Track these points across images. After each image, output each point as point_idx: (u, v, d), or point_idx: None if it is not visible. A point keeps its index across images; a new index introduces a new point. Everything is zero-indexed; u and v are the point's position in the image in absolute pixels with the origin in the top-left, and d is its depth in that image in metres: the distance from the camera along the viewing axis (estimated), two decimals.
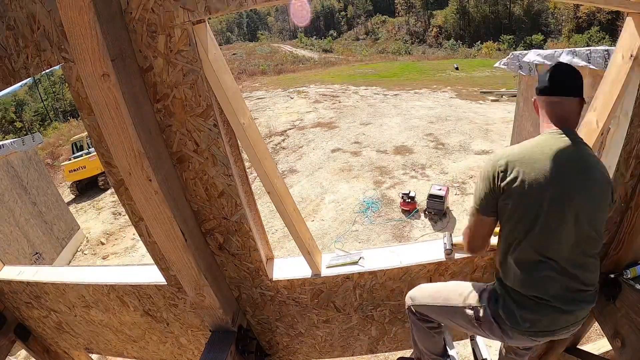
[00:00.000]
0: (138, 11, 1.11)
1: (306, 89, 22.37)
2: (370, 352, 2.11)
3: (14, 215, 7.37)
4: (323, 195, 9.45)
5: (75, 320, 2.23)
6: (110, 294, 1.96)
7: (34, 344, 2.50)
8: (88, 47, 1.01)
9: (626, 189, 1.57)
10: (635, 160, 1.49)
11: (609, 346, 1.87)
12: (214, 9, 1.10)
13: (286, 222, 1.61)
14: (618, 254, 1.71)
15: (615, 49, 1.40)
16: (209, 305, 1.60)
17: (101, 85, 1.06)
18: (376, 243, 7.35)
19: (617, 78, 1.36)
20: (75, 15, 0.97)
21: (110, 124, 1.12)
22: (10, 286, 2.18)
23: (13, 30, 1.19)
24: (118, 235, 9.65)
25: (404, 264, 1.71)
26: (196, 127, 1.31)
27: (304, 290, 1.80)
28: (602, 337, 2.27)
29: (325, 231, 7.97)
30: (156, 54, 1.18)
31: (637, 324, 1.57)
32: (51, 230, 8.41)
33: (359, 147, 12.09)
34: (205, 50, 1.18)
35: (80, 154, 12.88)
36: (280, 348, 2.12)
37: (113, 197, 11.58)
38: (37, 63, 1.22)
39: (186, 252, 1.39)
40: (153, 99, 1.25)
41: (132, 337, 2.23)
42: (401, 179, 9.67)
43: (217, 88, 1.24)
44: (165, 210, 1.28)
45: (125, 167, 1.19)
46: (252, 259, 1.66)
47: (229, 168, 1.39)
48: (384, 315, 1.90)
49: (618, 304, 1.68)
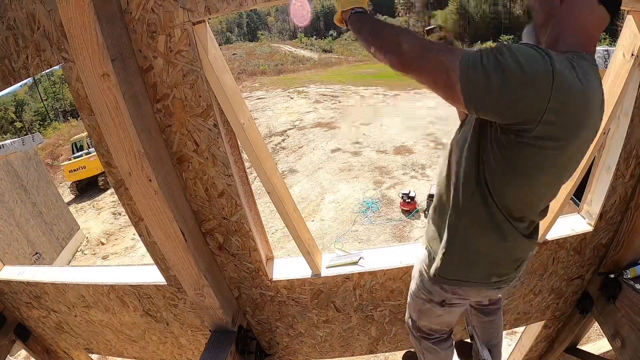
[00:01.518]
0: (138, 11, 1.11)
1: (306, 89, 22.36)
2: (370, 352, 2.11)
3: (14, 215, 7.37)
4: (323, 195, 9.45)
5: (75, 320, 2.23)
6: (110, 294, 1.96)
7: (34, 344, 2.50)
8: (88, 47, 1.01)
9: (626, 189, 1.57)
10: (635, 160, 1.49)
11: (609, 346, 1.87)
12: (214, 9, 1.10)
13: (286, 222, 1.61)
14: (618, 254, 1.71)
15: (615, 48, 1.40)
16: (209, 305, 1.59)
17: (101, 85, 1.06)
18: (376, 243, 7.35)
19: (618, 77, 1.36)
20: (75, 15, 0.97)
21: (110, 124, 1.12)
22: (10, 286, 2.18)
23: (13, 30, 1.19)
24: (118, 235, 9.65)
25: (404, 264, 1.71)
26: (196, 127, 1.30)
27: (304, 290, 1.80)
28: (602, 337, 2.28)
29: (325, 231, 7.97)
30: (156, 54, 1.18)
31: (637, 324, 1.57)
32: (51, 230, 8.41)
33: (359, 147, 12.09)
34: (205, 50, 1.18)
35: (80, 154, 12.89)
36: (280, 348, 2.12)
37: (113, 197, 11.58)
38: (37, 63, 1.22)
39: (186, 252, 1.39)
40: (153, 99, 1.25)
41: (132, 337, 2.23)
42: (401, 179, 9.67)
43: (217, 88, 1.24)
44: (165, 210, 1.28)
45: (125, 167, 1.19)
46: (252, 259, 1.66)
47: (229, 168, 1.39)
48: (384, 316, 1.90)
49: (618, 304, 1.68)
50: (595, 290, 1.84)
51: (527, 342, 2.39)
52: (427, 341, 1.46)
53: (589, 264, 1.83)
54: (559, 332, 2.19)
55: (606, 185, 1.58)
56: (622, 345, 1.65)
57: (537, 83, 0.72)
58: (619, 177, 1.54)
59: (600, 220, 1.67)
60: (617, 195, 1.59)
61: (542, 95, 0.72)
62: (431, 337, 1.46)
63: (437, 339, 1.46)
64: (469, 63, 0.75)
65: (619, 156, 1.48)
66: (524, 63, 0.72)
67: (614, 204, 1.62)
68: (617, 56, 1.38)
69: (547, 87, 0.72)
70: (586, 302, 1.90)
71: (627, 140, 1.44)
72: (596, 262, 1.83)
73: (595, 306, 1.85)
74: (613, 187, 1.57)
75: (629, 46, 1.32)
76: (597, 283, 1.82)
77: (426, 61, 0.81)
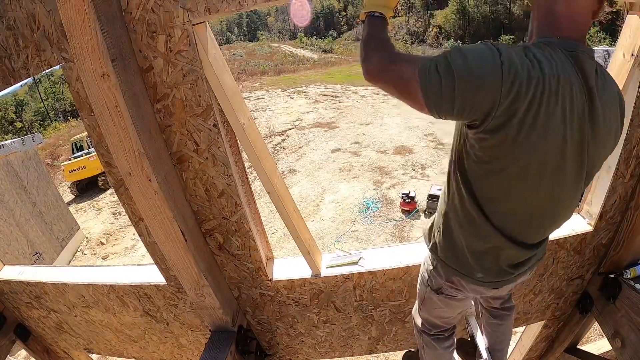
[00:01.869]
0: (138, 11, 1.11)
1: (306, 89, 22.35)
2: (370, 352, 2.11)
3: (14, 215, 7.37)
4: (323, 195, 9.45)
5: (75, 320, 2.23)
6: (110, 294, 1.96)
7: (34, 344, 2.50)
8: (88, 47, 1.01)
9: (626, 189, 1.57)
10: (635, 160, 1.49)
11: (609, 346, 1.87)
12: (214, 9, 1.10)
13: (286, 222, 1.61)
14: (618, 254, 1.71)
15: (615, 48, 1.40)
16: (209, 305, 1.60)
17: (101, 85, 1.06)
18: (376, 243, 7.35)
19: (618, 77, 1.36)
20: (75, 15, 0.97)
21: (110, 124, 1.12)
22: (10, 286, 2.18)
23: (13, 30, 1.19)
24: (118, 235, 9.65)
25: (404, 264, 1.71)
26: (196, 127, 1.31)
27: (304, 290, 1.80)
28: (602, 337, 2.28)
29: (325, 231, 7.97)
30: (156, 54, 1.18)
31: (637, 324, 1.57)
32: (51, 230, 8.41)
33: (359, 147, 12.09)
34: (205, 50, 1.18)
35: (80, 154, 12.89)
36: (280, 348, 2.12)
37: (113, 197, 11.58)
38: (37, 63, 1.22)
39: (186, 252, 1.39)
40: (153, 99, 1.25)
41: (132, 337, 2.23)
42: (401, 179, 9.67)
43: (217, 88, 1.24)
44: (165, 210, 1.28)
45: (125, 167, 1.19)
46: (252, 259, 1.66)
47: (229, 168, 1.39)
48: (384, 315, 1.90)
49: (618, 304, 1.68)
50: (595, 290, 1.85)
51: (527, 342, 2.39)
52: (427, 336, 1.49)
53: (589, 264, 1.83)
54: (559, 332, 2.19)
55: (606, 185, 1.58)
56: (622, 345, 1.65)
57: (486, 80, 0.74)
58: (619, 177, 1.54)
59: (600, 220, 1.67)
60: (617, 195, 1.59)
61: (493, 90, 0.74)
62: (431, 332, 1.48)
63: (437, 336, 1.48)
64: (426, 71, 0.79)
65: (619, 156, 1.48)
66: (471, 62, 0.75)
67: (614, 204, 1.62)
68: (617, 56, 1.38)
69: (497, 82, 0.74)
70: (586, 302, 1.90)
71: (627, 140, 1.44)
72: (596, 262, 1.83)
73: (595, 306, 1.85)
74: (613, 187, 1.57)
75: (629, 46, 1.32)
76: (597, 283, 1.82)
77: (390, 73, 0.86)
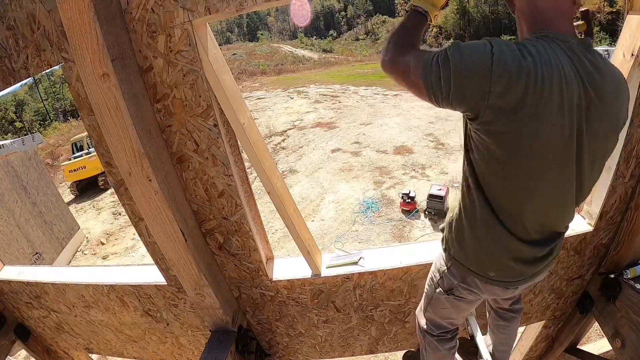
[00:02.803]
0: (138, 11, 1.11)
1: (306, 89, 22.36)
2: (370, 352, 2.11)
3: (14, 215, 7.37)
4: (323, 195, 9.45)
5: (75, 320, 2.23)
6: (110, 294, 1.96)
7: (34, 344, 2.50)
8: (88, 47, 1.01)
9: (626, 189, 1.57)
10: (635, 160, 1.49)
11: (609, 346, 1.87)
12: (214, 10, 1.10)
13: (286, 222, 1.61)
14: (618, 254, 1.71)
15: (615, 48, 1.40)
16: (209, 305, 1.60)
17: (101, 85, 1.06)
18: (376, 243, 7.35)
19: None
20: (75, 15, 0.97)
21: (110, 124, 1.12)
22: (10, 286, 2.18)
23: (13, 30, 1.19)
24: (118, 235, 9.65)
25: (404, 264, 1.71)
26: (196, 127, 1.31)
27: (304, 290, 1.80)
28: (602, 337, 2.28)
29: (325, 231, 7.97)
30: (156, 54, 1.18)
31: (637, 324, 1.57)
32: (51, 230, 8.41)
33: (359, 147, 12.09)
34: (205, 50, 1.18)
35: (80, 154, 12.88)
36: (280, 348, 2.12)
37: (113, 197, 11.58)
38: (37, 63, 1.22)
39: (186, 252, 1.39)
40: (153, 99, 1.25)
41: (132, 337, 2.23)
42: (401, 179, 9.67)
43: (217, 88, 1.24)
44: (165, 210, 1.28)
45: (125, 167, 1.19)
46: (252, 259, 1.66)
47: (229, 168, 1.39)
48: (384, 316, 1.90)
49: (618, 304, 1.68)
50: (595, 290, 1.84)
51: (527, 342, 2.39)
52: (430, 336, 1.49)
53: (589, 264, 1.83)
54: (559, 332, 2.19)
55: (606, 185, 1.57)
56: (622, 345, 1.65)
57: (476, 69, 0.78)
58: (619, 177, 1.54)
59: (600, 220, 1.67)
60: (617, 195, 1.59)
61: (483, 78, 0.77)
62: (434, 333, 1.47)
63: (440, 337, 1.47)
64: (428, 62, 0.84)
65: (619, 156, 1.48)
66: (466, 55, 0.79)
67: (614, 204, 1.62)
68: (617, 56, 1.38)
69: (486, 71, 0.76)
70: (586, 302, 1.90)
71: (627, 140, 1.44)
72: (596, 262, 1.83)
73: (595, 306, 1.85)
74: (613, 187, 1.57)
75: (629, 46, 1.32)
76: (597, 283, 1.82)
77: (399, 65, 0.93)
